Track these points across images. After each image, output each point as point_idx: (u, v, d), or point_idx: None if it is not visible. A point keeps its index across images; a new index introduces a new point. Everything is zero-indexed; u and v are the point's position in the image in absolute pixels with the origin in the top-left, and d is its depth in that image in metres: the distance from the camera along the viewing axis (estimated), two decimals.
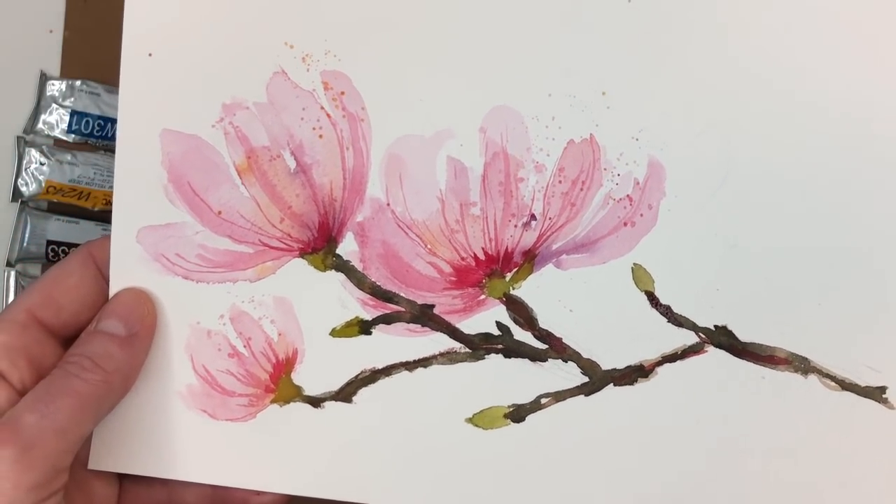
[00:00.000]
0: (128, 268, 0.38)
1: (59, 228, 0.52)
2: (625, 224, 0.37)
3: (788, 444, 0.37)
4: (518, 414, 0.38)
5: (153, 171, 0.38)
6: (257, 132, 0.38)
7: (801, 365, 0.37)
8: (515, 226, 0.37)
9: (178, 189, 0.38)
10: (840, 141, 0.36)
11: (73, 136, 0.53)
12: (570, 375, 0.38)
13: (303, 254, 0.38)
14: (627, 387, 0.37)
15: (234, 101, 0.38)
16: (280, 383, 0.38)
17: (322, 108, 0.37)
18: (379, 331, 0.38)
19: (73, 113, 0.52)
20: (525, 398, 0.38)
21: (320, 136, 0.37)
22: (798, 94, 0.36)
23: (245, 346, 0.38)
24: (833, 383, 0.37)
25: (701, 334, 0.37)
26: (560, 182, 0.37)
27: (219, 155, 0.38)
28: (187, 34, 0.37)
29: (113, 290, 0.38)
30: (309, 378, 0.38)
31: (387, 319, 0.38)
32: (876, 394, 0.37)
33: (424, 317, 0.38)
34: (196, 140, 0.38)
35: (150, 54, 0.37)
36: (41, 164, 0.52)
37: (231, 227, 0.38)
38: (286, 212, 0.38)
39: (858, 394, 0.37)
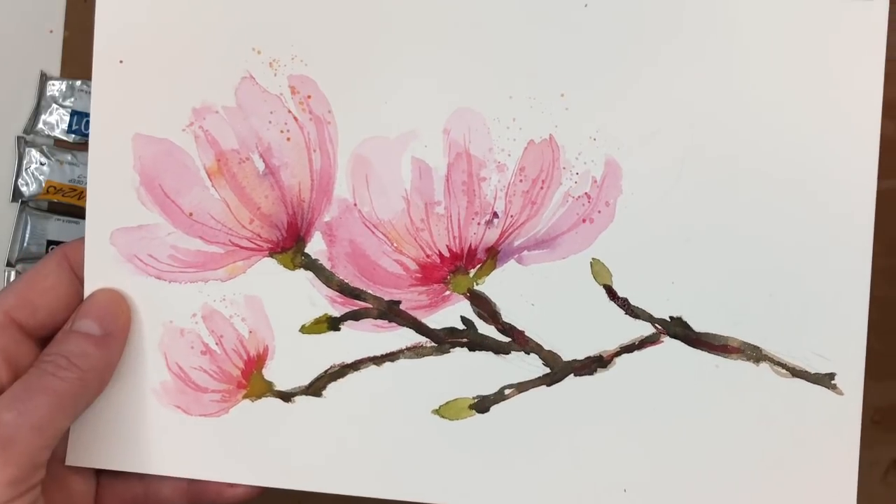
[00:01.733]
0: (102, 269, 0.39)
1: (59, 228, 0.53)
2: (583, 221, 0.38)
3: (742, 429, 0.38)
4: (483, 405, 0.39)
5: (125, 174, 0.39)
6: (227, 136, 0.39)
7: (754, 353, 0.38)
8: (478, 224, 0.39)
9: (150, 191, 0.39)
10: (791, 138, 0.38)
11: (73, 136, 0.53)
12: (533, 367, 0.39)
13: (272, 253, 0.39)
14: (587, 377, 0.39)
15: (203, 105, 0.39)
16: (252, 379, 0.39)
17: (289, 111, 0.39)
18: (347, 327, 0.39)
19: (74, 113, 0.53)
20: (489, 389, 0.39)
21: (288, 139, 0.39)
22: (750, 94, 0.38)
23: (217, 344, 0.39)
24: (784, 371, 0.38)
25: (657, 325, 0.38)
26: (521, 181, 0.38)
27: (189, 158, 0.39)
28: (157, 41, 0.38)
29: (87, 291, 0.39)
30: (280, 374, 0.39)
31: (355, 316, 0.39)
32: (825, 380, 0.38)
33: (391, 313, 0.39)
34: (167, 144, 0.39)
35: (120, 61, 0.38)
36: (41, 164, 0.52)
37: (202, 228, 0.39)
38: (255, 213, 0.39)
39: (808, 380, 0.38)
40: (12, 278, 0.52)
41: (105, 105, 0.39)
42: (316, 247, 0.39)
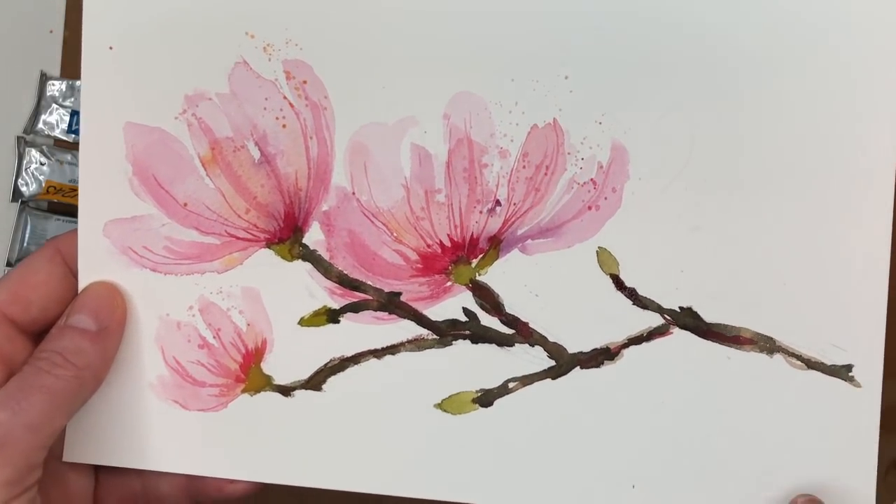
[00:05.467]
0: (96, 262, 0.38)
1: (59, 228, 0.52)
2: (589, 208, 0.37)
3: (755, 423, 0.37)
4: (486, 398, 0.38)
5: (118, 164, 0.38)
6: (220, 123, 0.38)
7: (767, 345, 0.37)
8: (480, 212, 0.37)
9: (144, 182, 0.38)
10: (803, 125, 0.36)
11: (73, 136, 0.53)
12: (537, 359, 0.38)
13: (269, 244, 0.38)
14: (594, 369, 0.38)
15: (196, 92, 0.37)
16: (250, 373, 0.39)
17: (285, 97, 0.37)
18: (347, 319, 0.38)
19: (74, 113, 0.52)
20: (493, 383, 0.38)
21: (284, 126, 0.37)
22: (760, 77, 0.36)
23: (215, 337, 0.39)
24: (799, 362, 0.37)
25: (666, 316, 0.37)
26: (524, 167, 0.37)
27: (183, 147, 0.38)
28: (147, 26, 0.37)
29: (82, 285, 0.38)
30: (278, 367, 0.38)
31: (354, 308, 0.38)
32: (842, 372, 0.37)
33: (392, 304, 0.38)
34: (160, 132, 0.38)
35: (110, 48, 0.37)
36: (41, 164, 0.52)
37: (197, 218, 0.38)
38: (252, 202, 0.38)
39: (825, 372, 0.37)
40: None
41: (95, 93, 0.38)
42: (314, 237, 0.38)
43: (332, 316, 0.38)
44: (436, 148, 0.37)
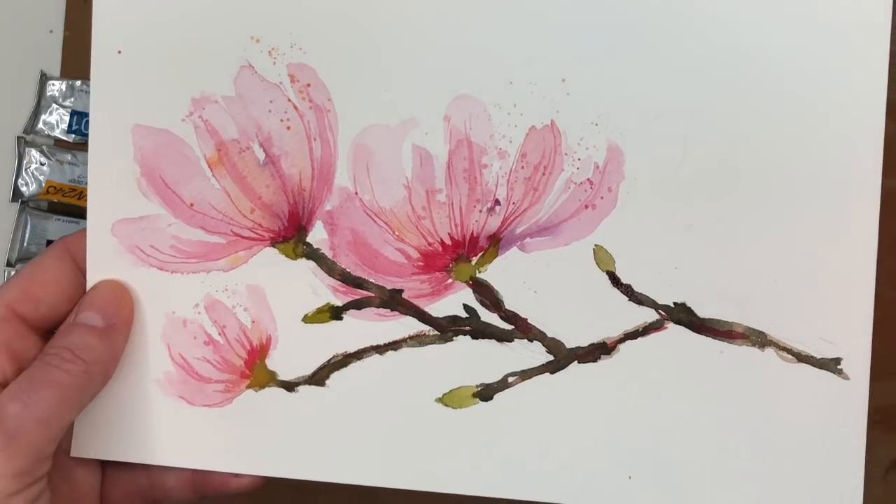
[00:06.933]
0: (104, 260, 0.39)
1: (59, 228, 0.53)
2: (586, 207, 0.38)
3: (747, 415, 0.38)
4: (486, 393, 0.39)
5: (126, 165, 0.39)
6: (227, 125, 0.39)
7: (759, 339, 0.38)
8: (480, 211, 0.38)
9: (151, 182, 0.39)
10: (794, 127, 0.37)
11: (73, 135, 0.53)
12: (536, 354, 0.39)
13: (274, 243, 0.39)
14: (591, 364, 0.39)
15: (203, 95, 0.38)
16: (255, 369, 0.39)
17: (289, 100, 0.38)
18: (350, 316, 0.39)
19: (74, 113, 0.53)
20: (493, 377, 0.39)
21: (288, 128, 0.38)
22: (753, 79, 0.37)
23: (220, 334, 0.39)
24: (790, 356, 0.38)
25: (661, 311, 0.38)
26: (523, 167, 0.38)
27: (189, 148, 0.39)
28: (155, 31, 0.38)
29: (90, 283, 0.39)
30: (283, 363, 0.39)
31: (357, 305, 0.39)
32: (831, 365, 0.38)
33: (394, 301, 0.39)
34: (167, 134, 0.39)
35: (119, 51, 0.38)
36: (41, 164, 0.52)
37: (203, 218, 0.39)
38: (256, 202, 0.39)
39: (814, 365, 0.38)
40: None
41: (104, 96, 0.38)
42: (317, 236, 0.39)
43: (335, 313, 0.39)
44: (436, 149, 0.38)
